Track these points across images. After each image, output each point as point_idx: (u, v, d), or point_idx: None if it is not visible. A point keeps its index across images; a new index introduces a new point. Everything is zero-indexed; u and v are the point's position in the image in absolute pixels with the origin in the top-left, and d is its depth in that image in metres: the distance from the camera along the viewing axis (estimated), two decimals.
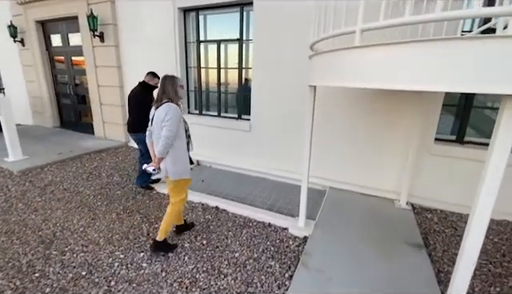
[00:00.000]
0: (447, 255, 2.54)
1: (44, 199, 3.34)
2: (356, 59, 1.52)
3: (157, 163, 2.22)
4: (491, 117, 3.40)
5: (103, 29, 5.11)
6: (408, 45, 1.27)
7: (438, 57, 1.18)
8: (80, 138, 5.85)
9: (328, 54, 1.81)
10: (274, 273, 2.23)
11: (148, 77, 3.41)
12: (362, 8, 1.45)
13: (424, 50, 1.23)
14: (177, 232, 2.70)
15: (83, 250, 2.42)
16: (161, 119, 2.11)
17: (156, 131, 2.20)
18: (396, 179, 3.51)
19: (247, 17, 4.16)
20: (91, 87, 5.71)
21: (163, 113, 2.10)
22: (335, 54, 1.69)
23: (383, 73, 1.40)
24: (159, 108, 2.16)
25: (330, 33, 1.73)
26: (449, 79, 1.15)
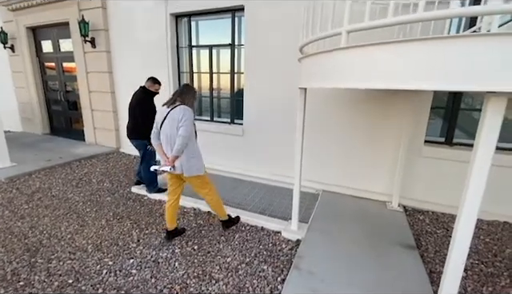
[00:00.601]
0: (439, 255, 2.54)
1: (31, 206, 3.25)
2: (342, 60, 1.54)
3: (171, 161, 2.30)
4: (477, 119, 3.47)
5: (94, 35, 5.10)
6: (389, 45, 1.28)
7: (421, 56, 1.20)
8: (70, 145, 5.76)
9: (316, 56, 1.83)
10: (267, 277, 2.20)
11: (148, 82, 3.39)
12: (348, 10, 1.47)
13: (407, 50, 1.24)
14: (167, 238, 2.65)
15: (70, 257, 2.35)
16: (177, 120, 2.24)
17: (169, 131, 2.29)
18: (388, 181, 3.53)
19: (239, 23, 4.21)
20: (82, 93, 5.65)
21: (179, 115, 2.24)
22: (322, 56, 1.71)
23: (367, 73, 1.42)
24: (174, 109, 2.28)
25: (317, 36, 1.76)
26: (433, 78, 1.17)
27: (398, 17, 1.24)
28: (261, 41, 3.85)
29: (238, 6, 3.95)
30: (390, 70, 1.30)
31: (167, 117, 2.31)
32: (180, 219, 3.08)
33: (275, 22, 3.69)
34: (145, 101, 3.34)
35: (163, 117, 2.33)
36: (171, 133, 2.30)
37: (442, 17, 1.17)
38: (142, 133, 3.41)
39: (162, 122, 2.34)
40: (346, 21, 1.48)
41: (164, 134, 2.35)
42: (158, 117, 2.39)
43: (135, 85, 4.96)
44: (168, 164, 2.32)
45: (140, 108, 3.31)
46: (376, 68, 1.33)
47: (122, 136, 5.62)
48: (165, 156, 2.38)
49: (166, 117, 2.32)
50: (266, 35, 3.78)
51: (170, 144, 2.33)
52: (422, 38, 1.17)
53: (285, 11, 3.60)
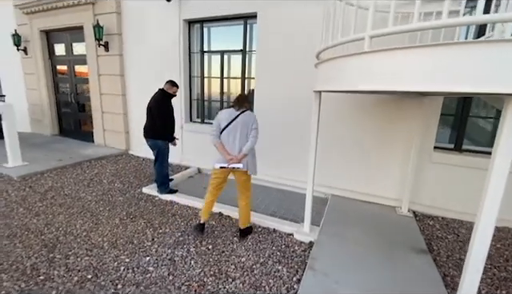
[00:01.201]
0: (451, 260, 2.56)
1: (45, 204, 3.29)
2: (363, 63, 1.61)
3: (240, 158, 2.51)
4: (485, 127, 3.53)
5: (108, 39, 5.22)
6: (416, 49, 1.35)
7: (447, 60, 1.26)
8: (80, 146, 5.83)
9: (335, 60, 1.90)
10: (282, 277, 2.22)
11: (167, 85, 3.49)
12: (371, 16, 1.55)
13: (431, 54, 1.31)
14: (201, 231, 2.74)
15: (87, 254, 2.38)
16: (249, 122, 2.53)
17: (239, 131, 2.50)
18: (397, 186, 3.56)
19: (250, 29, 4.31)
20: (93, 95, 5.75)
21: (251, 119, 2.54)
22: (342, 60, 1.77)
23: (391, 76, 1.48)
24: (244, 113, 2.53)
25: (339, 40, 1.83)
26: (460, 81, 1.23)
27: (423, 22, 1.30)
28: (272, 48, 3.94)
29: (251, 14, 4.07)
30: (416, 73, 1.35)
31: (236, 119, 2.50)
32: (192, 219, 3.12)
33: (287, 30, 3.79)
34: (162, 103, 3.43)
35: (230, 119, 2.51)
36: (241, 134, 2.50)
37: (465, 24, 1.25)
38: (158, 133, 3.49)
39: (229, 123, 2.50)
40: (369, 26, 1.55)
41: (231, 134, 2.52)
42: (224, 118, 2.54)
43: (146, 88, 5.09)
44: (233, 162, 2.49)
45: (157, 109, 3.40)
46: (400, 71, 1.39)
47: (132, 138, 5.69)
48: (226, 153, 2.52)
49: (233, 121, 2.50)
50: (278, 42, 3.88)
51: (237, 143, 2.51)
52: (449, 43, 1.23)
53: (297, 18, 3.70)
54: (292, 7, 3.71)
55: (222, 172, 2.64)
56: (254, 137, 2.55)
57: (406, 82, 1.42)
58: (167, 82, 3.49)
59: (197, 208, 3.36)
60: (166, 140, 3.58)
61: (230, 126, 2.53)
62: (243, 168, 2.54)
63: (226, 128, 2.54)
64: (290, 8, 3.73)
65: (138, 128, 5.49)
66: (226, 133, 2.55)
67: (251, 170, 2.62)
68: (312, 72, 3.64)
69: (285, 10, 3.76)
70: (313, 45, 3.58)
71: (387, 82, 1.49)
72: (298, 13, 3.68)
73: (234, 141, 2.54)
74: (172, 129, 3.61)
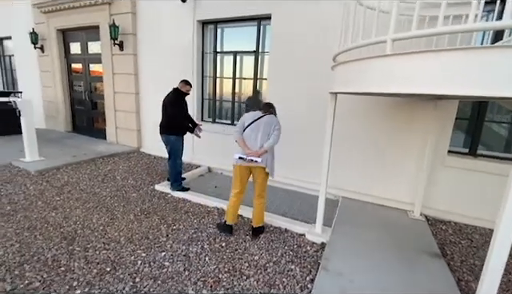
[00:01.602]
0: (466, 265, 2.55)
1: (62, 198, 3.38)
2: (384, 66, 1.62)
3: (261, 153, 2.60)
4: (498, 132, 3.49)
5: (123, 39, 5.32)
6: (437, 53, 1.36)
7: (466, 64, 1.27)
8: (93, 142, 5.95)
9: (356, 62, 1.92)
10: (295, 276, 2.24)
11: (181, 84, 3.60)
12: (394, 20, 1.56)
13: (451, 58, 1.32)
14: (230, 232, 2.80)
15: (105, 247, 2.44)
16: (272, 123, 2.67)
17: (262, 130, 2.64)
18: (409, 190, 3.55)
19: (263, 31, 4.35)
20: (107, 93, 5.86)
21: (274, 121, 2.70)
22: (365, 62, 1.79)
23: (412, 78, 1.50)
24: (268, 115, 2.71)
25: (359, 43, 1.85)
26: (483, 84, 1.24)
27: (447, 26, 1.32)
28: (285, 48, 3.97)
29: (265, 15, 4.11)
30: (436, 76, 1.37)
31: (260, 119, 2.67)
32: (205, 217, 3.16)
33: (301, 31, 3.82)
34: (176, 101, 3.52)
35: (254, 118, 2.68)
36: (263, 133, 2.63)
37: (490, 28, 1.25)
38: (172, 130, 3.59)
39: (251, 122, 2.66)
40: (391, 30, 1.57)
41: (254, 131, 2.65)
42: (250, 117, 2.71)
43: (159, 88, 5.18)
44: (251, 155, 2.59)
45: (172, 107, 3.49)
46: (430, 74, 1.40)
47: (143, 136, 5.78)
48: (247, 149, 2.64)
49: (257, 120, 2.66)
50: (291, 42, 3.91)
51: (258, 140, 2.63)
52: (467, 48, 1.25)
53: (311, 20, 3.73)
54: (306, 8, 3.74)
55: (241, 169, 2.68)
56: (276, 136, 2.65)
57: (426, 85, 1.44)
58: (181, 81, 3.59)
59: (208, 207, 3.41)
60: (178, 135, 3.64)
61: (253, 124, 2.65)
62: (262, 163, 2.59)
63: (249, 125, 2.66)
64: (303, 9, 3.76)
65: (150, 126, 5.60)
66: (249, 130, 2.66)
67: (270, 169, 2.67)
68: (325, 73, 3.67)
69: (299, 11, 3.79)
70: (326, 47, 3.61)
71: (408, 85, 1.51)
72: (312, 14, 3.70)
73: (256, 138, 2.63)
74: (184, 126, 3.68)
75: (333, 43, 3.52)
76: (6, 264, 2.14)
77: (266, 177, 2.73)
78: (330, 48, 3.52)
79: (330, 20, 3.57)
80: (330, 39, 3.57)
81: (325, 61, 3.64)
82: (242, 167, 2.65)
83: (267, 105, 2.84)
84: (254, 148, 2.62)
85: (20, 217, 2.87)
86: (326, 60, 3.60)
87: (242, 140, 2.68)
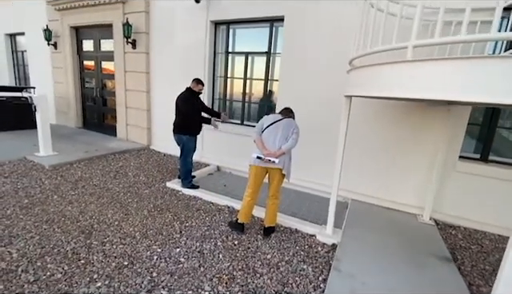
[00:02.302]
0: (476, 270, 2.56)
1: (77, 193, 3.46)
2: (403, 71, 1.65)
3: (278, 154, 2.63)
4: (508, 138, 3.49)
5: (136, 37, 5.39)
6: (457, 61, 1.39)
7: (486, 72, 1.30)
8: (103, 139, 6.04)
9: (374, 67, 1.95)
10: (308, 276, 2.28)
11: (193, 83, 3.64)
12: (416, 26, 1.59)
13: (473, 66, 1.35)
14: (241, 230, 2.85)
15: (121, 242, 2.51)
16: (291, 126, 2.73)
17: (280, 132, 2.69)
18: (419, 194, 3.56)
19: (275, 32, 4.39)
20: (119, 91, 5.95)
21: (293, 124, 2.75)
22: (386, 67, 1.82)
23: (435, 85, 1.53)
24: (288, 119, 2.78)
25: (378, 48, 1.88)
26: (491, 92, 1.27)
27: (472, 35, 1.34)
28: (298, 51, 4.01)
29: (278, 17, 4.14)
30: (465, 84, 1.39)
31: (279, 121, 2.73)
32: (216, 215, 3.21)
33: (313, 33, 3.85)
34: (188, 100, 3.56)
35: (273, 120, 2.75)
36: (282, 135, 2.67)
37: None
38: (185, 129, 3.64)
39: (270, 124, 2.72)
40: (413, 36, 1.60)
41: (272, 133, 2.70)
42: (269, 118, 2.79)
43: (170, 87, 5.26)
44: (269, 155, 2.62)
45: (184, 106, 3.53)
46: (449, 81, 1.42)
47: (153, 133, 5.86)
48: (265, 149, 2.67)
49: (276, 122, 2.73)
50: (304, 45, 3.94)
51: (277, 142, 2.66)
52: (483, 57, 1.28)
53: (324, 22, 3.75)
54: (319, 10, 3.76)
55: (258, 170, 2.70)
56: (295, 139, 2.68)
57: (448, 91, 1.46)
58: (193, 80, 3.63)
59: (219, 205, 3.46)
60: (190, 135, 3.69)
61: (272, 125, 2.72)
62: (279, 164, 2.62)
63: (268, 127, 2.71)
64: (316, 11, 3.78)
65: (160, 124, 5.68)
66: (268, 132, 2.71)
67: (287, 171, 2.70)
68: (337, 75, 3.72)
69: (311, 13, 3.82)
70: (339, 49, 3.65)
71: (429, 90, 1.54)
72: (325, 15, 3.73)
73: (275, 139, 2.67)
74: (197, 126, 3.72)
75: (346, 45, 3.56)
76: (27, 255, 2.21)
77: (282, 179, 2.76)
78: (343, 50, 3.58)
79: (343, 21, 3.59)
80: (343, 41, 3.59)
81: (337, 63, 3.67)
82: (259, 167, 2.68)
83: (287, 110, 2.90)
84: (272, 149, 2.65)
85: (38, 210, 2.95)
86: (339, 62, 3.65)
87: (261, 140, 2.72)
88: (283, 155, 2.65)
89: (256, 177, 2.73)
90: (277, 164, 2.62)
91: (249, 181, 2.79)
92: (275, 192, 2.78)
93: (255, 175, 2.72)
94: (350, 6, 3.52)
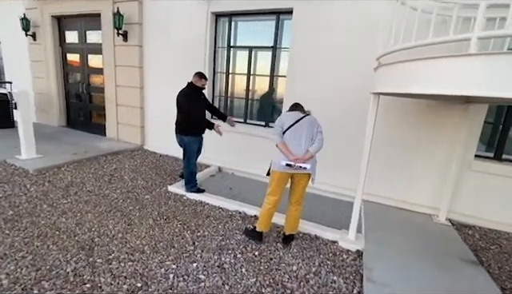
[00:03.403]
0: (504, 272, 2.50)
1: (70, 201, 3.09)
2: (468, 66, 1.50)
3: (307, 157, 2.40)
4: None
5: (128, 29, 4.98)
6: None
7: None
8: (91, 139, 5.58)
9: (416, 62, 1.79)
10: (341, 289, 2.11)
11: (195, 77, 3.29)
12: (480, 17, 1.43)
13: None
14: (259, 239, 2.63)
15: (130, 258, 2.21)
16: (315, 125, 2.48)
17: (305, 132, 2.42)
18: (433, 194, 3.48)
19: (281, 25, 4.16)
20: (108, 87, 5.50)
21: (316, 122, 2.51)
22: (430, 61, 1.66)
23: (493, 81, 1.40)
24: (309, 116, 2.51)
25: (428, 41, 1.71)
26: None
27: None
28: (308, 45, 3.80)
29: (286, 9, 3.92)
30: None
31: (302, 120, 2.44)
32: (228, 222, 2.97)
33: (326, 27, 3.66)
34: (191, 97, 3.25)
35: (295, 119, 2.45)
36: (307, 135, 2.42)
37: None
38: (186, 129, 3.33)
39: (292, 123, 2.43)
40: (476, 28, 1.43)
41: (297, 134, 2.42)
42: (290, 117, 2.47)
43: (166, 82, 4.91)
44: (299, 162, 2.38)
45: (186, 103, 3.22)
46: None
47: (147, 133, 5.47)
48: (291, 154, 2.39)
49: (299, 120, 2.43)
50: (316, 39, 3.74)
51: (302, 143, 2.41)
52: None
53: (338, 16, 3.57)
54: (333, 2, 3.57)
55: (283, 176, 2.46)
56: (321, 139, 2.47)
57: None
58: (195, 74, 3.30)
59: (229, 210, 3.22)
60: (193, 136, 3.40)
61: (295, 125, 2.42)
62: (309, 170, 2.40)
63: (290, 127, 2.42)
64: (330, 3, 3.58)
65: (155, 123, 5.31)
66: (291, 133, 2.42)
67: (314, 173, 2.47)
68: (351, 72, 3.56)
69: (325, 5, 3.61)
70: (354, 44, 3.49)
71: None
72: (340, 9, 3.54)
73: (300, 141, 2.40)
74: (200, 125, 3.42)
75: (363, 41, 3.41)
76: (20, 281, 1.87)
77: (307, 183, 2.55)
78: (361, 46, 3.42)
79: (362, 15, 3.42)
80: (360, 36, 3.44)
81: (354, 59, 3.53)
82: (284, 173, 2.44)
83: (300, 105, 2.63)
84: (298, 153, 2.39)
85: (26, 223, 2.58)
86: (357, 58, 3.50)
87: (285, 144, 2.43)
88: (312, 157, 2.43)
89: (281, 184, 2.49)
90: (308, 170, 2.39)
91: (270, 188, 2.54)
92: (299, 197, 2.57)
93: (279, 181, 2.47)
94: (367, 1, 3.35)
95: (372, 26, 3.28)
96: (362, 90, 3.20)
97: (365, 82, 3.35)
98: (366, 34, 3.39)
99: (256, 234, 2.64)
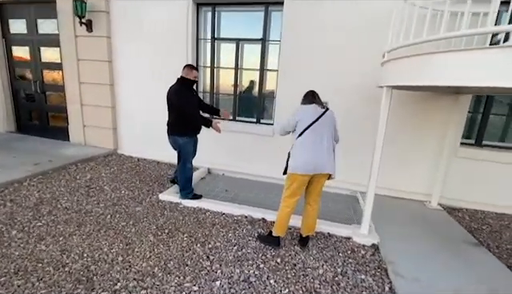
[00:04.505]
0: (503, 250, 2.70)
1: (45, 223, 2.58)
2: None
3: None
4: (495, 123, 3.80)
5: (92, 17, 4.34)
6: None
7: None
8: (53, 145, 4.82)
9: (446, 54, 1.77)
10: (373, 287, 2.06)
11: (186, 70, 2.95)
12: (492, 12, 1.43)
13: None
14: (277, 244, 2.48)
15: (141, 286, 1.89)
16: (334, 122, 2.35)
17: (326, 129, 2.27)
18: (425, 181, 3.67)
19: (269, 17, 3.97)
20: (70, 84, 4.78)
21: (335, 119, 2.36)
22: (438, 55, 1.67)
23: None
24: (330, 112, 2.33)
25: (447, 34, 1.70)
26: None
27: None
28: (302, 39, 3.68)
29: (277, 0, 3.73)
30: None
31: (322, 118, 2.25)
32: (237, 228, 2.76)
33: (320, 20, 3.57)
34: (181, 93, 2.92)
35: (318, 115, 2.25)
36: (328, 134, 2.27)
37: None
38: (181, 129, 3.02)
39: (315, 120, 2.23)
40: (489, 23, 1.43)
41: (318, 133, 2.23)
42: (310, 114, 2.26)
43: (141, 79, 4.43)
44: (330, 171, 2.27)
45: (178, 101, 2.90)
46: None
47: (121, 135, 4.90)
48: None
49: (321, 117, 2.25)
50: (309, 33, 3.63)
51: (325, 143, 2.24)
52: None
53: (331, 11, 3.50)
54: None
55: (304, 177, 2.27)
56: (339, 138, 2.41)
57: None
58: (185, 67, 2.97)
59: (234, 216, 3.00)
60: (188, 136, 3.10)
61: (316, 123, 2.23)
62: (331, 169, 2.28)
63: (311, 125, 2.23)
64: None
65: (130, 124, 4.78)
66: (311, 133, 2.23)
67: (334, 171, 2.33)
68: (347, 68, 3.54)
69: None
70: (352, 40, 3.46)
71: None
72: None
73: (322, 143, 2.23)
74: (196, 124, 3.12)
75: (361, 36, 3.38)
76: None
77: (325, 182, 2.42)
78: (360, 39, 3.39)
79: (351, 9, 3.39)
80: (353, 29, 3.42)
81: (347, 53, 3.50)
82: (307, 175, 2.25)
83: (318, 96, 2.40)
84: (319, 157, 2.22)
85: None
86: (349, 53, 3.47)
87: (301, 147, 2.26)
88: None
89: (302, 185, 2.31)
90: (331, 171, 2.27)
91: (289, 190, 2.34)
92: (317, 196, 2.44)
93: (302, 183, 2.29)
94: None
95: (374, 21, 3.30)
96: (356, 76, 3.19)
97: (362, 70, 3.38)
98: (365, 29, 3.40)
99: (273, 239, 2.47)
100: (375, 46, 3.11)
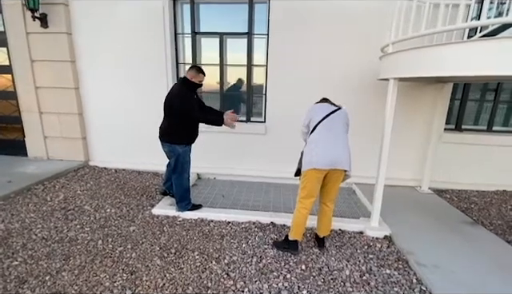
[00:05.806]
0: (496, 226, 2.92)
1: (22, 260, 2.12)
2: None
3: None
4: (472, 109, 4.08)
5: (47, 10, 3.72)
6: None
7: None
8: (7, 162, 4.10)
9: (437, 47, 1.81)
10: (401, 282, 2.05)
11: (191, 72, 2.65)
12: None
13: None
14: (295, 249, 2.36)
15: None
16: (347, 118, 2.27)
17: (340, 125, 2.21)
18: (413, 167, 3.83)
19: (253, 10, 3.77)
20: (22, 90, 4.08)
21: (348, 118, 2.29)
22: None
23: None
24: (342, 110, 2.27)
25: (448, 28, 1.70)
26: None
27: None
28: (289, 32, 3.56)
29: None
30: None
31: (334, 114, 2.20)
32: (248, 237, 2.58)
33: (308, 13, 3.47)
34: (184, 96, 2.64)
35: (329, 111, 2.20)
36: (341, 130, 2.21)
37: None
38: (177, 136, 2.74)
39: (327, 115, 2.18)
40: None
41: (331, 128, 2.17)
42: (321, 110, 2.22)
43: (114, 79, 3.97)
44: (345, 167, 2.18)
45: (178, 104, 2.61)
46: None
47: (92, 145, 4.34)
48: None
49: (332, 113, 2.19)
50: (294, 27, 3.52)
51: (339, 139, 2.17)
52: None
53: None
54: None
55: (320, 173, 2.15)
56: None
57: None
58: (191, 68, 2.69)
59: (241, 223, 2.81)
60: (187, 144, 2.83)
61: (328, 119, 2.17)
62: (347, 166, 2.19)
63: (322, 120, 2.16)
64: None
65: (102, 131, 4.27)
66: (324, 128, 2.17)
67: (350, 169, 2.23)
68: (339, 62, 3.49)
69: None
70: (343, 33, 3.42)
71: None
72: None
73: (336, 140, 2.15)
74: (195, 131, 2.86)
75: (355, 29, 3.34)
76: None
77: (341, 181, 2.32)
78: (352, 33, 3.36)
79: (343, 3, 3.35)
80: (342, 22, 3.39)
81: (341, 49, 3.46)
82: (323, 169, 2.13)
83: (330, 101, 2.38)
84: (334, 149, 2.14)
85: None
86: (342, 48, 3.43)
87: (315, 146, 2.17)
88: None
89: (317, 183, 2.20)
90: (346, 167, 2.18)
91: (305, 190, 2.22)
92: (334, 195, 2.35)
93: (317, 180, 2.17)
94: None
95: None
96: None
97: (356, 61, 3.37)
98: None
99: (291, 244, 2.35)
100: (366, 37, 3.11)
